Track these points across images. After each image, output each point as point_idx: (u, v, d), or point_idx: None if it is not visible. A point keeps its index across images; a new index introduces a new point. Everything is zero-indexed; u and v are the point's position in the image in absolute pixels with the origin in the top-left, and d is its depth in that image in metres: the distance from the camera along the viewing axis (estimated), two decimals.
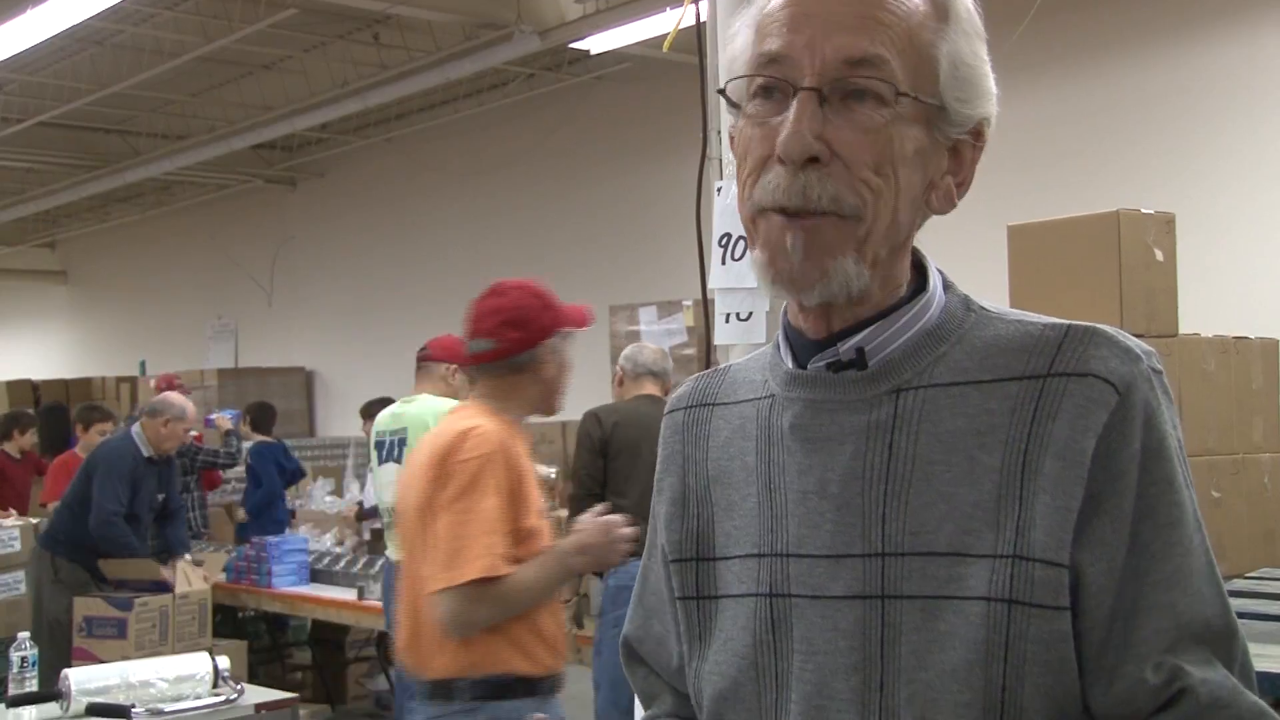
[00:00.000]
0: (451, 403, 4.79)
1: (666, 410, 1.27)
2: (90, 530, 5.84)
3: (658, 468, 1.25)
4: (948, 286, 1.12)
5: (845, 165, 1.02)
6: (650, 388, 4.88)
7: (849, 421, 1.07)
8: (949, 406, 1.04)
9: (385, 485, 4.73)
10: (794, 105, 1.02)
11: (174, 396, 6.25)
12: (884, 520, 1.04)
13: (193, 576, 5.92)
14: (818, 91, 1.02)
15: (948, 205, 1.10)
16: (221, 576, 6.41)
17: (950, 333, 1.08)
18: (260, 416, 8.43)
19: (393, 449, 4.72)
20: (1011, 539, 1.00)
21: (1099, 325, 1.05)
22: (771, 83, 1.05)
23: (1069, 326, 1.05)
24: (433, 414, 4.63)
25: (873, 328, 1.07)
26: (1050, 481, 0.99)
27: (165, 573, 5.97)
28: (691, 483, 1.20)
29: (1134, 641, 0.99)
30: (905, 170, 1.04)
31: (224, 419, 7.42)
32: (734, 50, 1.11)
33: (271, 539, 6.44)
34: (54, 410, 11.02)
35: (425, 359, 4.84)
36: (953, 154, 1.09)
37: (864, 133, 1.02)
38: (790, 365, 1.12)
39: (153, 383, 10.37)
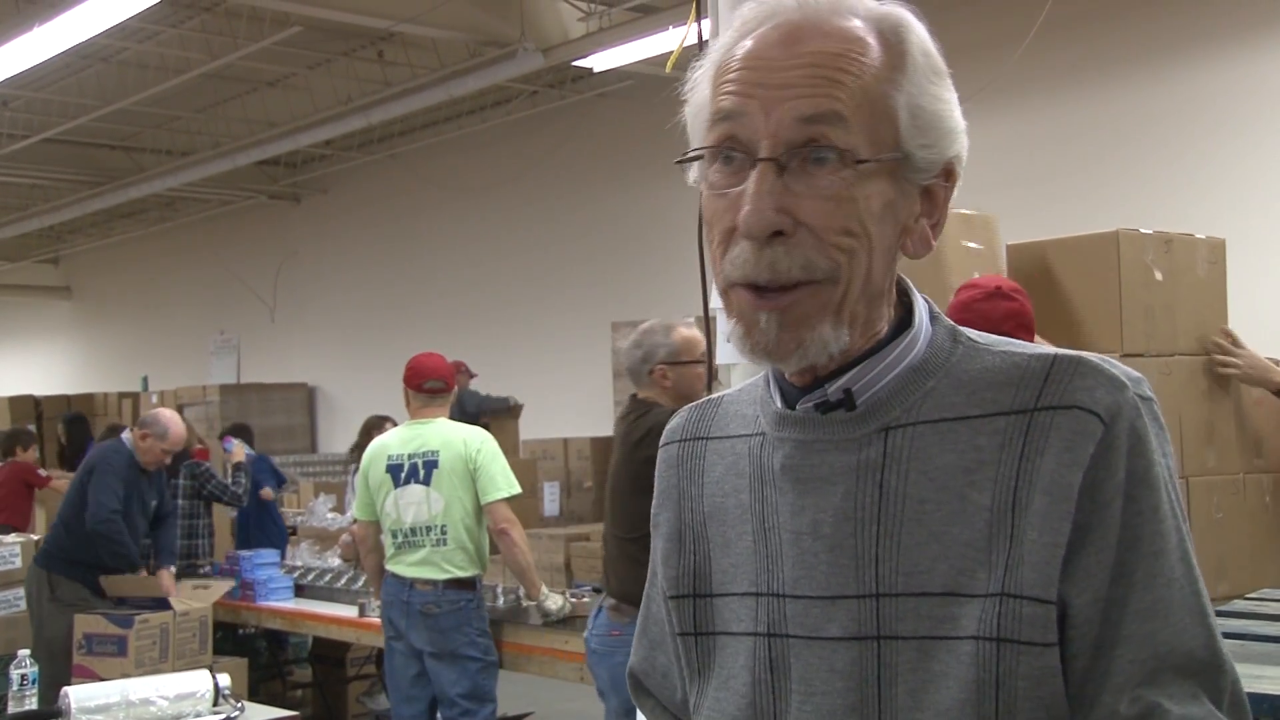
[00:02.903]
0: (467, 426, 4.95)
1: (661, 443, 1.26)
2: (87, 529, 5.83)
3: (654, 502, 1.25)
4: (934, 317, 1.11)
5: (813, 233, 1.01)
6: None
7: (839, 461, 1.06)
8: (938, 443, 1.04)
9: (408, 506, 4.75)
10: (753, 178, 1.01)
11: (164, 415, 6.20)
12: (877, 561, 1.04)
13: (190, 599, 5.92)
14: (775, 161, 1.01)
15: (924, 248, 1.08)
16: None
17: (937, 367, 1.07)
18: (243, 437, 8.48)
19: (416, 471, 4.76)
20: (1000, 576, 1.00)
21: (1085, 355, 1.04)
22: (729, 150, 1.04)
23: (1055, 357, 1.04)
24: (463, 437, 4.80)
25: (859, 367, 1.07)
26: (1039, 517, 0.99)
27: (167, 584, 5.99)
28: (688, 518, 1.19)
29: (1111, 672, 0.99)
30: (876, 226, 1.02)
31: (240, 448, 7.35)
32: (695, 104, 1.09)
33: (244, 554, 6.47)
34: (77, 421, 11.16)
35: (441, 391, 4.90)
36: (925, 196, 1.08)
37: (828, 200, 1.00)
38: (779, 405, 1.11)
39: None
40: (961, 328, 1.11)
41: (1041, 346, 1.08)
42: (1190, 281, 3.52)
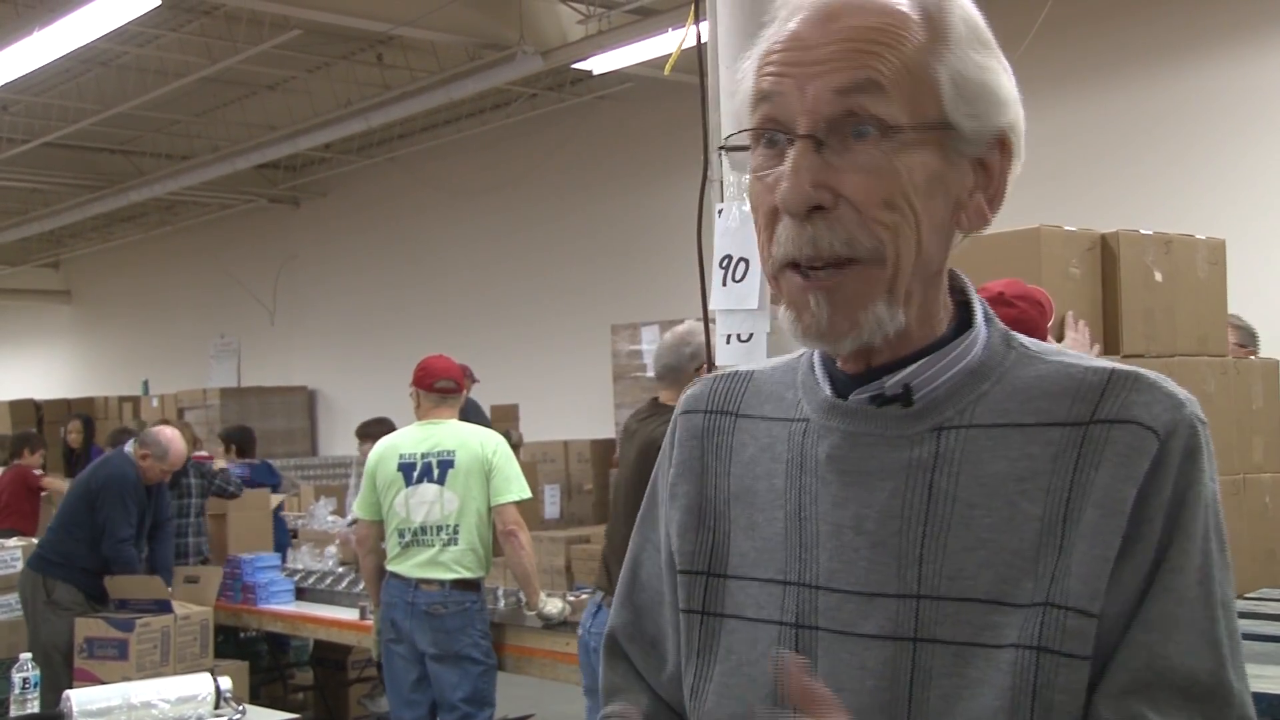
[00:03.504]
0: (480, 428, 5.02)
1: (681, 410, 1.23)
2: (104, 554, 5.86)
3: (671, 470, 1.21)
4: (988, 320, 1.09)
5: (854, 207, 0.99)
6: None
7: (889, 458, 1.05)
8: (990, 448, 1.03)
9: (419, 505, 4.76)
10: (791, 155, 1.00)
11: (164, 435, 6.16)
12: (921, 562, 1.02)
13: (189, 600, 5.95)
14: (813, 137, 1.00)
15: (980, 223, 1.06)
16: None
17: (991, 371, 1.06)
18: (244, 441, 8.49)
19: (430, 470, 4.78)
20: (1046, 587, 0.98)
21: (1142, 371, 1.03)
22: (769, 132, 1.03)
23: (1112, 371, 1.03)
24: (478, 438, 4.85)
25: (919, 364, 1.05)
26: (1089, 530, 0.98)
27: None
28: (710, 494, 1.17)
29: (1105, 677, 0.98)
30: (921, 199, 1.00)
31: (219, 462, 7.41)
32: (740, 94, 1.09)
33: (245, 556, 6.47)
34: (87, 423, 11.27)
35: (453, 391, 4.96)
36: (980, 169, 1.05)
37: (868, 172, 0.99)
38: (829, 393, 1.10)
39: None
40: (1013, 332, 1.10)
41: (1095, 359, 1.07)
42: (1190, 282, 3.52)
